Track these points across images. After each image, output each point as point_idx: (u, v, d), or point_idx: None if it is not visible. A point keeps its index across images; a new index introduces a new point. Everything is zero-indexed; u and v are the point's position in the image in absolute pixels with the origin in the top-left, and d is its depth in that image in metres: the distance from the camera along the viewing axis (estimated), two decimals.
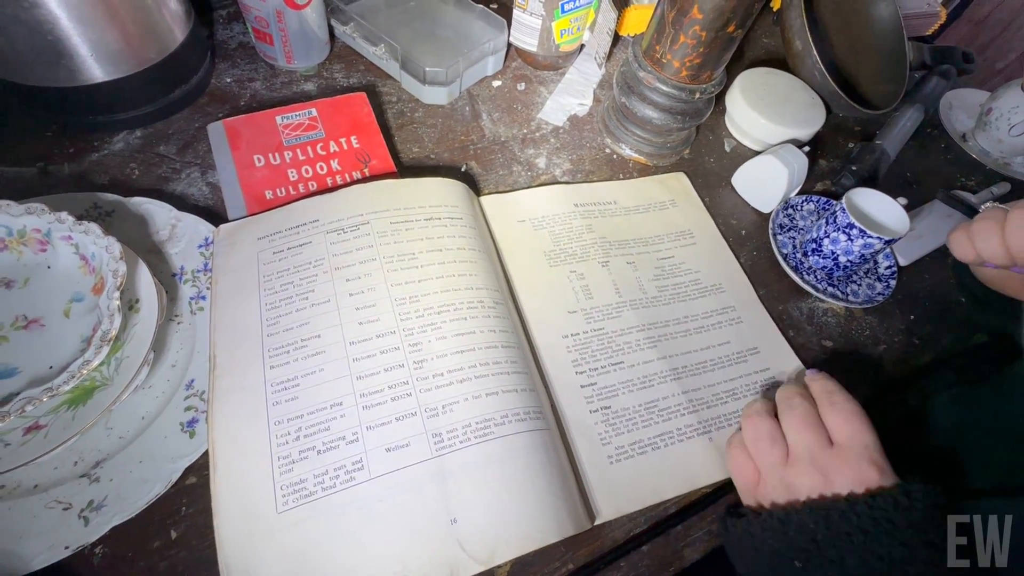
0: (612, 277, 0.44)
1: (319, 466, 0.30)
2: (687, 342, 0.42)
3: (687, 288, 0.45)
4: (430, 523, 0.28)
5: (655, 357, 0.40)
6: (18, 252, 0.33)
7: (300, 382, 0.32)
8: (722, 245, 0.49)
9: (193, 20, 0.48)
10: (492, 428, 0.32)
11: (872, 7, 0.66)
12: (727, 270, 0.47)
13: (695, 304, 0.44)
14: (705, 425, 0.38)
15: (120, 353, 0.32)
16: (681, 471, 0.36)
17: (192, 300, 0.37)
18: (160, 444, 0.32)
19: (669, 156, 0.54)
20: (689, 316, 0.43)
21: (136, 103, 0.45)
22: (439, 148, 0.51)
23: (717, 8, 0.41)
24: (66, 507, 0.29)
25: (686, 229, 0.49)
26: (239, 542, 0.28)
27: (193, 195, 0.44)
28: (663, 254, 0.47)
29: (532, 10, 0.54)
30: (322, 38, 0.53)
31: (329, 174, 0.45)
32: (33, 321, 0.32)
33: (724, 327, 0.43)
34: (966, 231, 0.36)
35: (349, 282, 0.36)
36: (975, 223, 0.35)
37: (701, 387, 0.39)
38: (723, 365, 0.41)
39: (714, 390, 0.40)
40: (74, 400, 0.30)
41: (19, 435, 0.29)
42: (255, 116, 0.46)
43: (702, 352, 0.41)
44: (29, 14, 0.37)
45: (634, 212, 0.50)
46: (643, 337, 0.41)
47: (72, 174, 0.43)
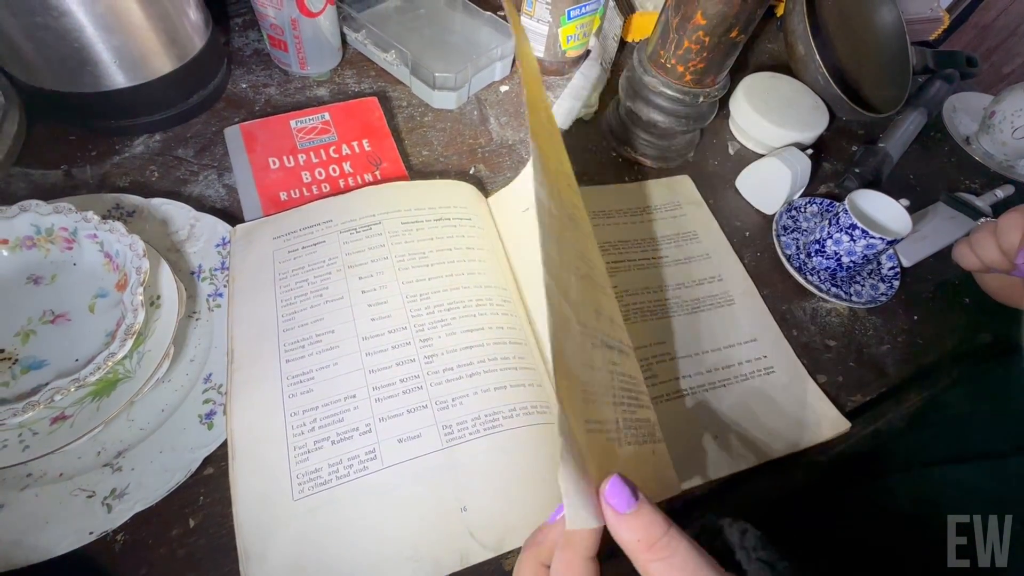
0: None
1: (333, 455, 0.31)
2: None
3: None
4: (440, 511, 0.29)
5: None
6: (46, 250, 0.34)
7: (315, 375, 0.33)
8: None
9: (211, 28, 0.49)
10: (500, 421, 0.32)
11: (875, 12, 0.67)
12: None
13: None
14: (703, 422, 0.38)
15: (142, 347, 0.33)
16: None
17: (210, 297, 0.39)
18: (180, 435, 0.33)
19: (674, 159, 0.55)
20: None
21: (156, 108, 0.47)
22: (448, 151, 0.53)
23: (720, 14, 0.42)
24: (90, 495, 0.30)
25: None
26: (256, 527, 0.29)
27: (210, 197, 0.45)
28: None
29: (539, 17, 0.55)
30: (335, 45, 0.54)
31: (341, 176, 0.46)
32: (60, 316, 0.33)
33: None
34: (967, 242, 0.41)
35: (362, 280, 0.37)
36: (973, 234, 0.40)
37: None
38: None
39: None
40: (98, 392, 0.31)
41: (46, 425, 0.30)
42: (270, 120, 0.48)
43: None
44: (58, 22, 0.38)
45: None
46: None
47: (95, 176, 0.45)
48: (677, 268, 0.47)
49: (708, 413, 0.39)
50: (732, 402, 0.40)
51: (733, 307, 0.45)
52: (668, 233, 0.49)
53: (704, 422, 0.39)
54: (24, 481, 0.31)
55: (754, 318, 0.45)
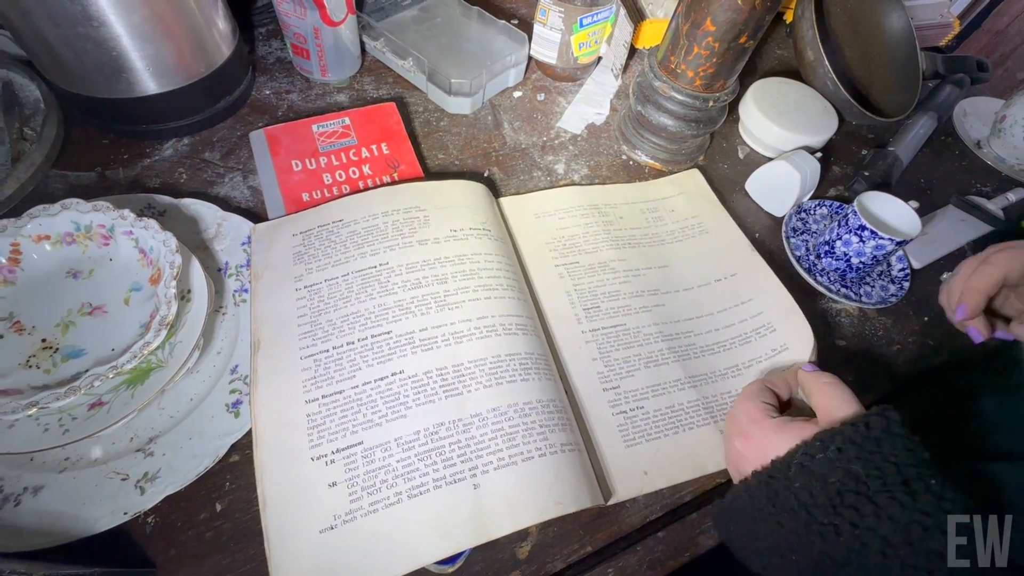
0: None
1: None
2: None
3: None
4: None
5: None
6: (84, 246, 0.36)
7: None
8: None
9: (238, 37, 0.52)
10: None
11: (884, 18, 0.68)
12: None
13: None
14: (713, 415, 0.39)
15: (174, 338, 0.34)
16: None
17: (236, 293, 0.40)
18: (208, 423, 0.34)
19: (684, 163, 0.56)
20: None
21: (185, 113, 0.49)
22: (463, 155, 0.54)
23: (729, 20, 0.43)
24: (124, 478, 0.32)
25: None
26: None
27: (236, 197, 0.47)
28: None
29: (552, 25, 0.56)
30: (354, 53, 0.56)
31: (361, 178, 0.48)
32: (97, 308, 0.35)
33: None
34: (945, 294, 0.43)
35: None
36: (945, 287, 0.44)
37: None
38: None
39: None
40: (133, 380, 0.33)
41: (84, 411, 0.32)
42: (293, 124, 0.49)
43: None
44: (98, 32, 0.40)
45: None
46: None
47: (127, 178, 0.47)
48: (685, 255, 0.48)
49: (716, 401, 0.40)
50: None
51: (753, 308, 0.45)
52: (676, 222, 0.50)
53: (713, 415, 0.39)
54: (62, 464, 0.32)
55: (770, 306, 0.45)
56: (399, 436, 0.32)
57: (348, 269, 0.39)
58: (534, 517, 0.30)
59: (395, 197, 0.44)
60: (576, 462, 0.34)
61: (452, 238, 0.42)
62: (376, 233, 0.42)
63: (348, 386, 0.34)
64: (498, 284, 0.40)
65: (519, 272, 0.43)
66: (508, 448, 0.32)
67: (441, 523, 0.29)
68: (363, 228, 0.42)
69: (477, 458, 0.32)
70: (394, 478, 0.31)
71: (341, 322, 0.37)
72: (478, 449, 0.32)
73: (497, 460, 0.32)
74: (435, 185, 0.46)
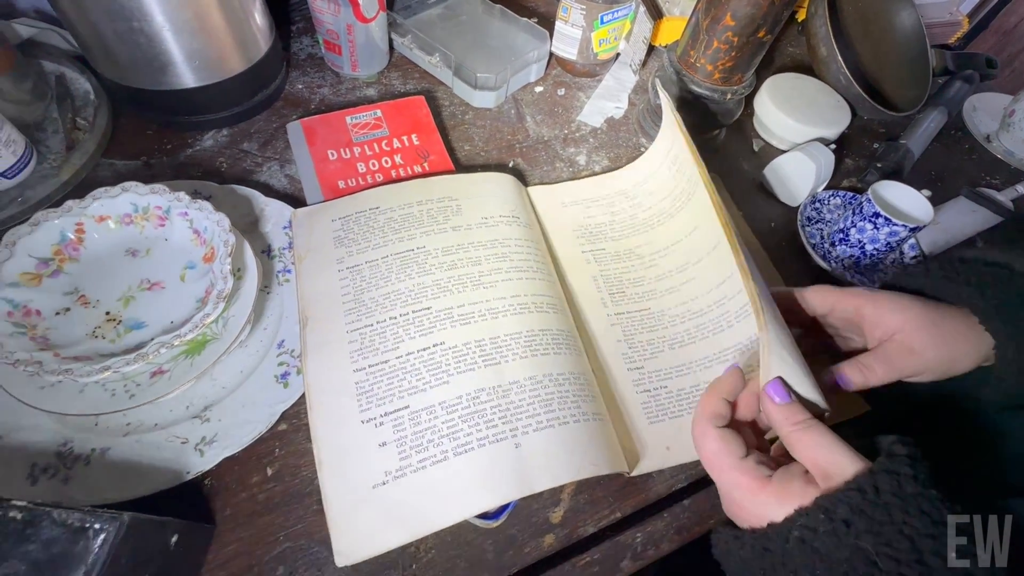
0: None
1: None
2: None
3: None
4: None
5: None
6: (141, 227, 0.39)
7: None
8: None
9: (274, 34, 0.54)
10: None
11: (895, 16, 0.69)
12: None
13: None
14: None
15: (227, 313, 0.36)
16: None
17: (279, 273, 0.42)
18: (259, 392, 0.36)
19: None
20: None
21: (225, 105, 0.51)
22: (488, 146, 0.56)
23: (748, 15, 0.45)
24: (183, 441, 0.34)
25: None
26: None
27: (274, 185, 0.49)
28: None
29: (573, 22, 0.59)
30: (383, 49, 0.59)
31: (393, 167, 0.50)
32: (155, 284, 0.37)
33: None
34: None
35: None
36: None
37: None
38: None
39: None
40: (191, 350, 0.35)
41: (146, 378, 0.34)
42: (328, 116, 0.52)
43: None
44: (150, 27, 0.43)
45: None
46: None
47: (170, 166, 0.49)
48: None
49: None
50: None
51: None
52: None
53: None
54: (125, 429, 0.34)
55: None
56: (443, 400, 0.34)
57: (387, 252, 0.41)
58: (572, 475, 0.32)
59: (429, 188, 0.46)
60: (606, 431, 0.35)
61: (483, 224, 0.44)
62: (411, 220, 0.44)
63: (393, 356, 0.36)
64: (528, 267, 0.42)
65: (547, 257, 0.45)
66: (545, 413, 0.34)
67: (487, 477, 0.31)
68: (399, 215, 0.44)
69: (517, 420, 0.33)
70: (440, 437, 0.33)
71: (383, 299, 0.39)
72: (517, 412, 0.34)
73: (536, 423, 0.34)
74: (467, 177, 0.48)
